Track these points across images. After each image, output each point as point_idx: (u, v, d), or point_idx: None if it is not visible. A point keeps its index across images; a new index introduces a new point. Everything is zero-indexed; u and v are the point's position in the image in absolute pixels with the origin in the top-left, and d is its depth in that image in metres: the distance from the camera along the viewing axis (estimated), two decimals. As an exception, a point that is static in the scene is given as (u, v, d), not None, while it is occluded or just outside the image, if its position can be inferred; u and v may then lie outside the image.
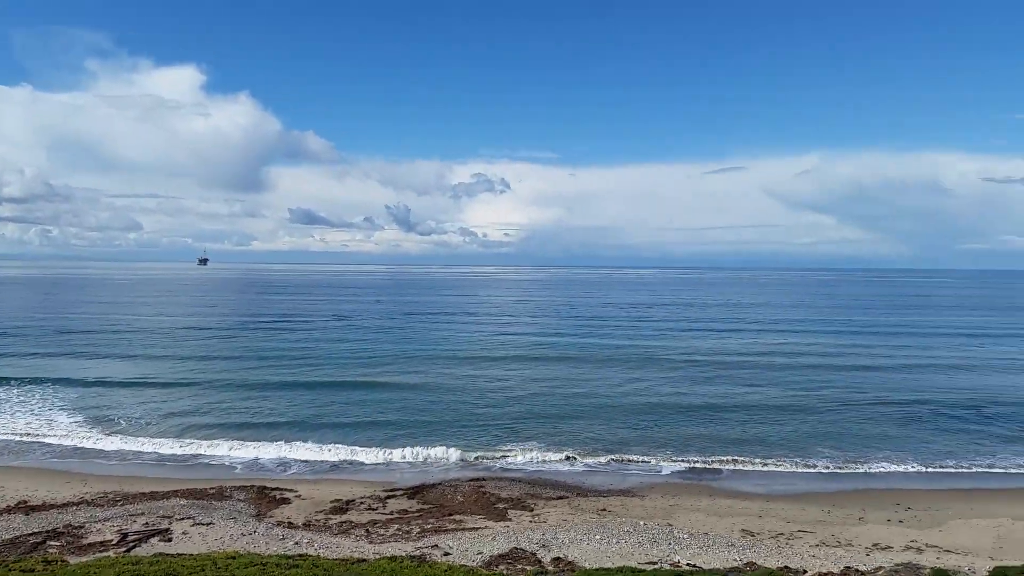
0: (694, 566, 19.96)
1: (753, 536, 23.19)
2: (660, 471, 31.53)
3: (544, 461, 32.56)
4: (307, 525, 23.71)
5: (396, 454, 33.13)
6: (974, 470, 32.32)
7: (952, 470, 32.21)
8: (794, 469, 32.04)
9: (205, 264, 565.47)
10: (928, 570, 20.03)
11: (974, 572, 19.91)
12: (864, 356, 65.13)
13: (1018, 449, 35.27)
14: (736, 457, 33.15)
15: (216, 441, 35.25)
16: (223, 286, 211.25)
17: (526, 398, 45.06)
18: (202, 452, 33.82)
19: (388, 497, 27.02)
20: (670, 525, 24.03)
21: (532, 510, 25.59)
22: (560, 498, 27.20)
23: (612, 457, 33.07)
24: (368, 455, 33.17)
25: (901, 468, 32.31)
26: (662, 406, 43.17)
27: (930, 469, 32.22)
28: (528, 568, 19.41)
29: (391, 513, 25.17)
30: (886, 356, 65.33)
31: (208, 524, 23.10)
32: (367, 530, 23.16)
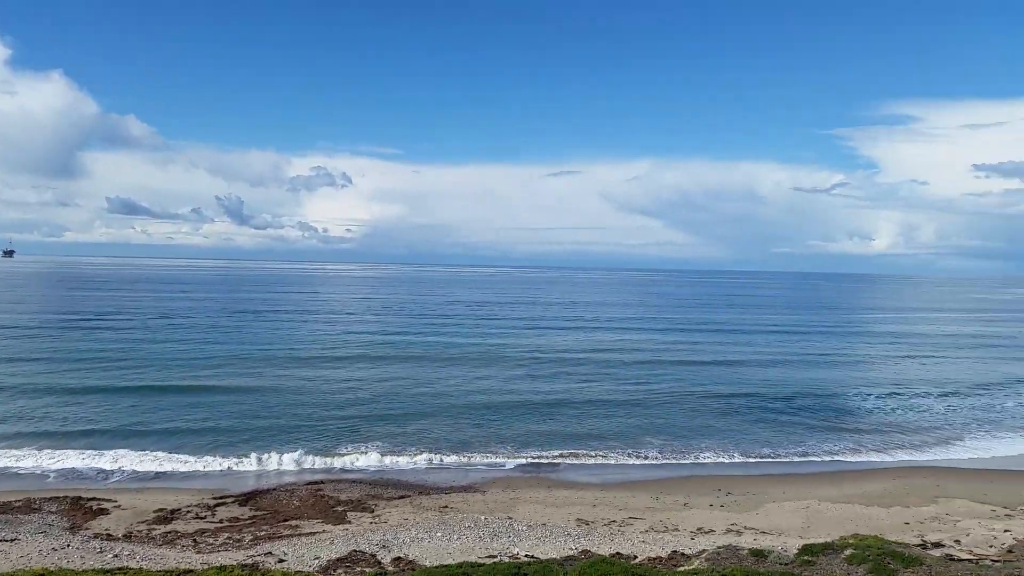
0: (532, 557, 20.41)
1: (588, 525, 24.06)
2: (502, 466, 32.06)
3: (386, 462, 32.15)
4: (128, 536, 22.06)
5: (227, 460, 31.45)
6: (786, 457, 35.19)
7: (768, 458, 34.85)
8: (626, 460, 33.62)
9: (11, 256, 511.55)
10: (746, 551, 21.58)
11: (786, 550, 21.66)
12: (689, 352, 69.41)
13: (824, 437, 38.78)
14: (574, 450, 34.34)
15: (26, 450, 32.00)
16: (31, 280, 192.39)
17: (369, 399, 44.35)
18: (9, 464, 30.55)
19: (218, 505, 25.67)
20: (510, 518, 24.44)
21: (373, 511, 25.21)
22: (402, 497, 26.97)
23: (455, 455, 33.23)
24: (197, 462, 31.25)
25: (722, 456, 34.72)
26: (505, 403, 43.91)
27: (748, 457, 34.76)
28: (367, 570, 19.08)
29: (221, 521, 23.92)
30: (709, 352, 69.97)
31: (12, 540, 20.93)
32: (195, 540, 21.88)
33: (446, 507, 25.76)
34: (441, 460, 32.57)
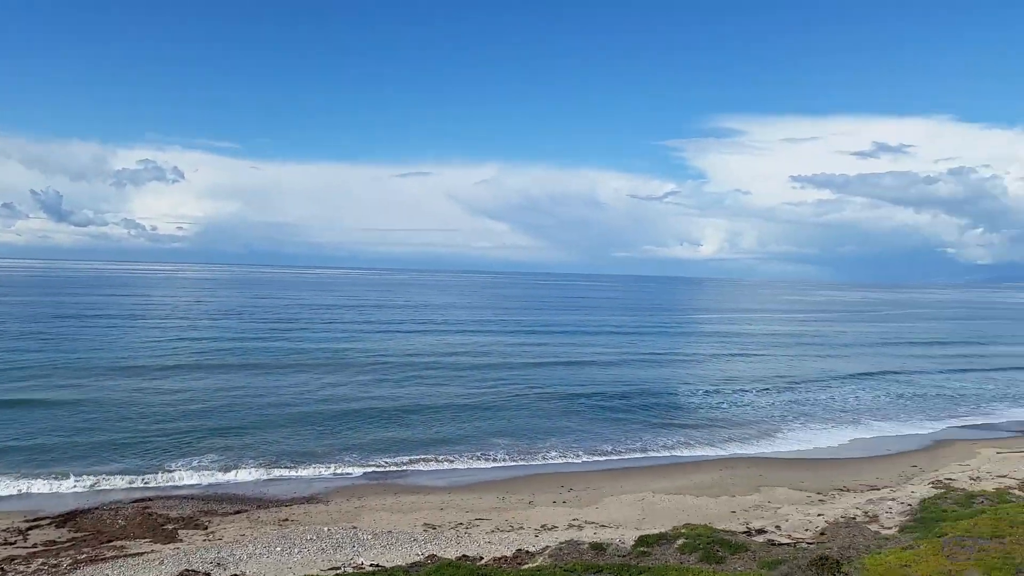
0: (377, 565, 20.07)
1: (435, 529, 23.99)
2: (346, 475, 31.30)
3: (221, 476, 30.47)
4: (-84, 574, 19.63)
5: (45, 481, 28.63)
6: (626, 453, 36.74)
7: (609, 455, 36.20)
8: (474, 463, 33.81)
9: None
10: (587, 545, 22.30)
11: (624, 542, 22.58)
12: (536, 354, 71.02)
13: (659, 432, 40.83)
14: (423, 456, 34.12)
15: None
16: None
17: (204, 410, 41.85)
18: None
19: (31, 528, 23.38)
20: (355, 527, 23.93)
21: (206, 528, 23.86)
22: (238, 512, 25.70)
23: (297, 465, 32.06)
24: (10, 484, 28.25)
25: (567, 454, 35.72)
26: (351, 411, 42.89)
27: (591, 455, 35.94)
28: (201, 591, 18.04)
29: (35, 546, 21.80)
30: (554, 353, 71.91)
31: None
32: (1, 568, 19.80)
33: (287, 520, 24.82)
34: (282, 472, 31.31)
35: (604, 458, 35.45)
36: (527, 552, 21.77)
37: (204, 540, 22.53)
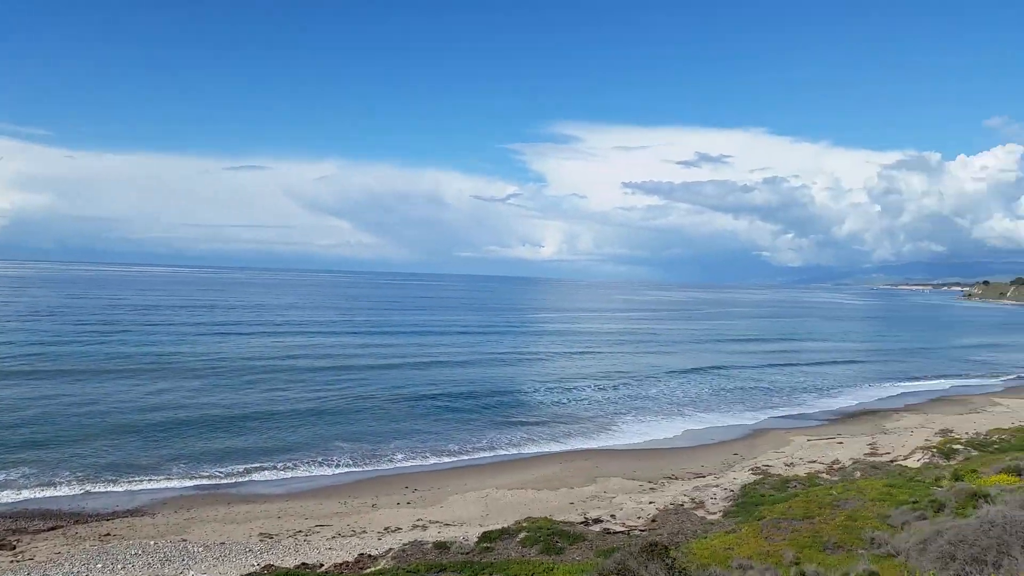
0: (211, 580, 19.08)
1: (272, 538, 23.10)
2: (175, 487, 29.40)
3: (33, 492, 27.77)
4: None
5: None
6: (472, 451, 36.94)
7: (455, 454, 36.24)
8: (315, 469, 32.76)
9: None
10: (430, 544, 22.30)
11: (467, 539, 22.77)
12: (381, 354, 70.10)
13: (503, 429, 41.50)
14: (259, 464, 32.60)
15: None
16: None
17: (12, 422, 37.67)
18: None
19: None
20: (184, 540, 22.60)
21: (14, 548, 21.67)
22: (53, 529, 23.53)
23: (121, 478, 29.75)
24: None
25: (413, 455, 35.44)
26: (181, 419, 40.24)
27: (437, 455, 35.81)
28: (5, 620, 16.37)
29: None
30: (399, 354, 71.28)
31: None
32: None
33: (108, 535, 23.03)
34: (103, 485, 28.94)
35: (450, 458, 35.48)
36: (370, 556, 21.46)
37: (12, 562, 20.45)
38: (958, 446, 37.18)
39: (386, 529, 24.15)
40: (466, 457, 35.95)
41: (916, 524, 22.37)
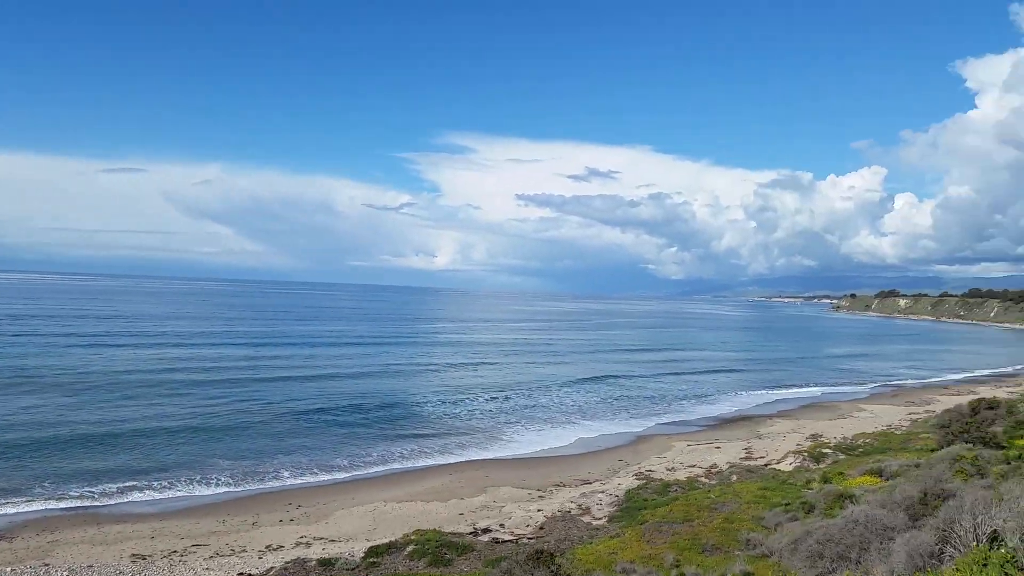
0: (74, 609, 17.89)
1: (145, 559, 21.92)
2: (38, 509, 27.39)
3: None
4: None
5: None
6: (361, 466, 36.13)
7: (343, 469, 35.34)
8: (193, 488, 31.17)
9: None
10: (314, 562, 21.72)
11: (353, 555, 22.32)
12: (267, 367, 67.76)
13: (394, 443, 40.96)
14: (132, 484, 30.77)
15: None
16: None
17: None
18: None
19: None
20: (47, 564, 21.14)
21: None
22: None
23: (-29, 500, 27.51)
24: None
25: (298, 471, 34.34)
26: (46, 438, 37.33)
27: (324, 472, 34.75)
28: None
29: None
30: (286, 366, 69.13)
31: None
32: None
33: (-44, 566, 21.22)
34: (-48, 509, 26.67)
35: (340, 474, 34.50)
36: (249, 575, 20.68)
37: None
38: (827, 450, 39.45)
39: (267, 547, 23.34)
40: (357, 472, 35.13)
41: (788, 525, 23.59)
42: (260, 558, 22.21)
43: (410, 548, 22.79)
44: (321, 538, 24.43)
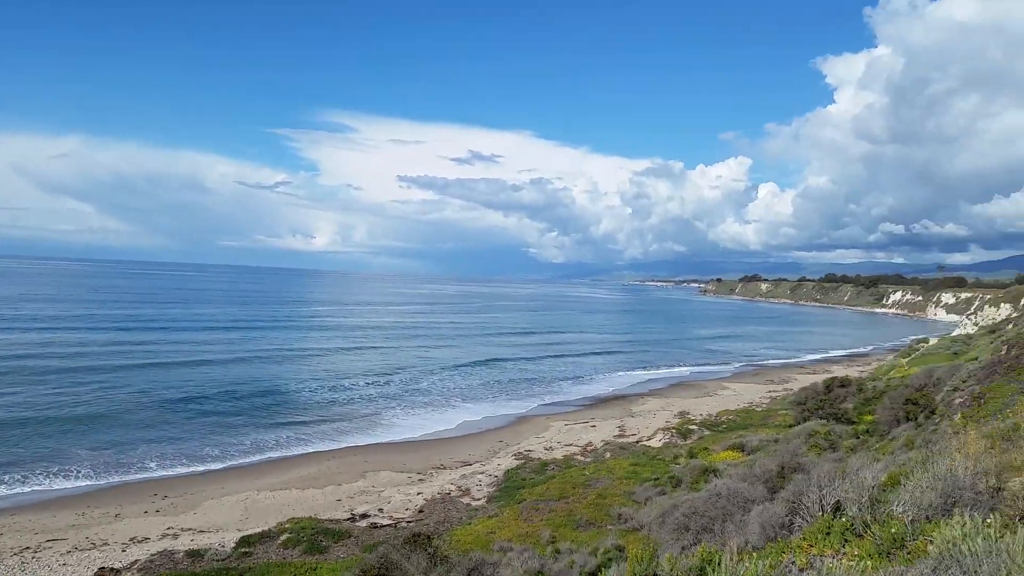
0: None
1: (-9, 561, 20.47)
2: None
3: None
4: None
5: None
6: (234, 455, 34.88)
7: (215, 459, 34.06)
8: (51, 482, 29.26)
9: None
10: (182, 553, 20.95)
11: (224, 545, 21.67)
12: (130, 353, 64.09)
13: (269, 431, 39.90)
14: (-24, 476, 28.63)
15: None
16: None
17: None
18: None
19: None
20: None
21: None
22: None
23: None
24: None
25: (163, 462, 32.81)
26: None
27: (194, 461, 33.36)
28: None
29: None
30: (153, 352, 65.65)
31: None
32: None
33: None
34: None
35: (211, 464, 33.25)
36: (112, 569, 19.73)
37: None
38: (693, 427, 41.51)
39: (132, 540, 22.29)
40: (231, 462, 33.87)
41: (657, 499, 24.76)
42: (124, 551, 21.20)
43: (284, 536, 22.35)
44: (189, 529, 23.56)
